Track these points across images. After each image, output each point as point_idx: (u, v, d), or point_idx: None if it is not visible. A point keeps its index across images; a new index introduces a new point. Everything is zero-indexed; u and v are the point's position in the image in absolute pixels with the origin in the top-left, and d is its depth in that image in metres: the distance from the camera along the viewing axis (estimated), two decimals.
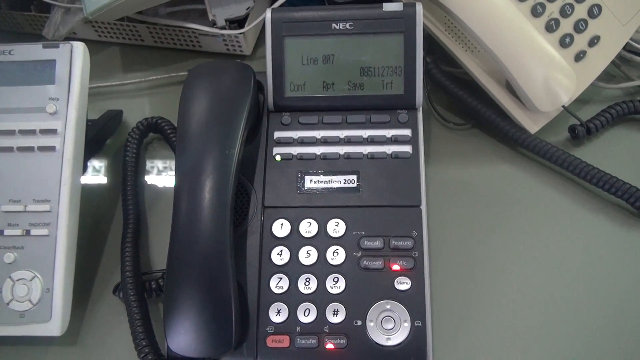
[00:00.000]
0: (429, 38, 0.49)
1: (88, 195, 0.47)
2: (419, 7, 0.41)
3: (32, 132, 0.41)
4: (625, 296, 0.41)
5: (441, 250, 0.43)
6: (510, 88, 0.46)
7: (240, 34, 0.53)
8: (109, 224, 0.47)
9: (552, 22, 0.45)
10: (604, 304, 0.41)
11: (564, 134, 0.48)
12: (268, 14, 0.42)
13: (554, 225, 0.44)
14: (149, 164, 0.51)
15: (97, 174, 0.50)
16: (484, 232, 0.44)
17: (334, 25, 0.41)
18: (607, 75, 0.51)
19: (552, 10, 0.45)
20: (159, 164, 0.51)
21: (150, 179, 0.50)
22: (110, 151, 0.52)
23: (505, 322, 0.40)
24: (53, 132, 0.41)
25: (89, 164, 0.50)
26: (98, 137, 0.49)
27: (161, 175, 0.50)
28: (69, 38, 0.55)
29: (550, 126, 0.47)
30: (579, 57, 0.45)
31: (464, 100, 0.48)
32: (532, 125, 0.46)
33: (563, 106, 0.45)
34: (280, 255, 0.39)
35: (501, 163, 0.48)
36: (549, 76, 0.43)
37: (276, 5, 0.49)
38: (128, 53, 0.59)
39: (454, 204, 0.45)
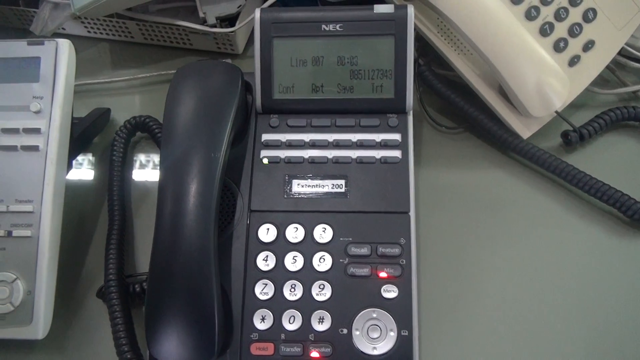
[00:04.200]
0: (422, 40, 0.48)
1: (73, 194, 0.47)
2: (410, 10, 0.40)
3: (15, 131, 0.40)
4: (615, 305, 0.40)
5: (430, 257, 0.43)
6: (503, 92, 0.45)
7: (231, 32, 0.52)
8: (95, 225, 0.46)
9: (547, 25, 0.44)
10: (594, 312, 0.40)
11: (556, 139, 0.48)
12: (257, 14, 0.41)
13: (544, 233, 0.44)
14: (136, 164, 0.50)
15: (83, 173, 0.49)
16: (474, 238, 0.44)
17: (323, 26, 0.40)
18: (601, 81, 0.50)
19: (547, 13, 0.44)
20: (147, 163, 0.50)
21: (137, 179, 0.49)
22: (97, 150, 0.51)
23: (494, 331, 0.40)
24: (37, 131, 0.40)
25: (75, 162, 0.49)
26: (84, 135, 0.48)
27: (148, 176, 0.49)
28: (57, 34, 0.55)
29: (543, 131, 0.46)
30: (573, 61, 0.45)
31: (456, 104, 0.47)
32: (524, 131, 0.46)
33: (556, 112, 0.44)
34: (265, 261, 0.38)
35: (493, 168, 0.47)
36: (541, 81, 0.42)
37: (266, 5, 0.49)
38: (117, 50, 0.58)
39: (444, 210, 0.45)
